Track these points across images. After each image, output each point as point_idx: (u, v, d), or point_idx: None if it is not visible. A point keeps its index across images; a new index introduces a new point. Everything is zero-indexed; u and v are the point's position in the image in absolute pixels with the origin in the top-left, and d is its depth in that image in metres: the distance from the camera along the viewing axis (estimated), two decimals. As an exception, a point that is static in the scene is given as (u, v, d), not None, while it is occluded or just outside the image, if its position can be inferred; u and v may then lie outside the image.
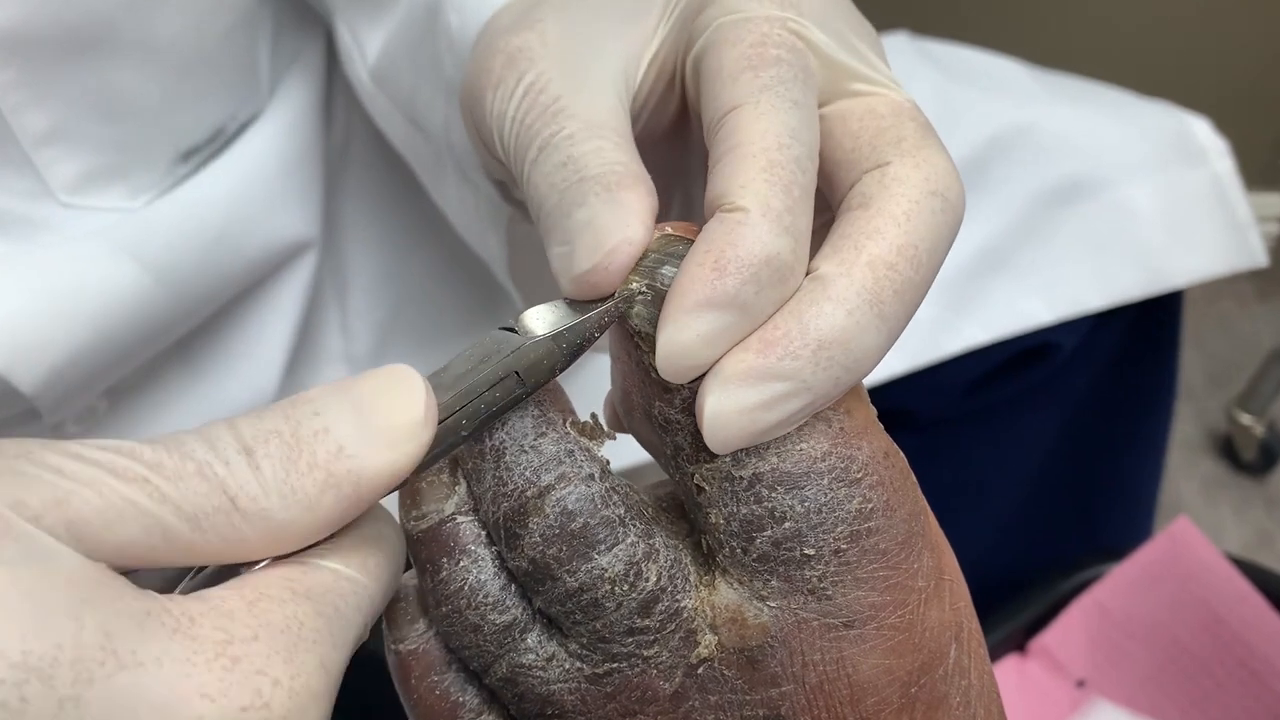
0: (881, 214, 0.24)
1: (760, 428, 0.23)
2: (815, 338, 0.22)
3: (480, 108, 0.29)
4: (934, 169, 0.24)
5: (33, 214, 0.43)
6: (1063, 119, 0.61)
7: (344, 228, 0.59)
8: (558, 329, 0.24)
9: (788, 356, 0.22)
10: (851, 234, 0.24)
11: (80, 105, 0.42)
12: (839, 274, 0.23)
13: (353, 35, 0.48)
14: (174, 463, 0.19)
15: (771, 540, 0.23)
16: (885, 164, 0.24)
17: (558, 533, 0.23)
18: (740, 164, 0.24)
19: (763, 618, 0.24)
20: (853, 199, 0.24)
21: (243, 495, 0.20)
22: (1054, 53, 0.98)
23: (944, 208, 0.24)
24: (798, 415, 0.23)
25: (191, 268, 0.47)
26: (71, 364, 0.43)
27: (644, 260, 0.24)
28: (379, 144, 0.59)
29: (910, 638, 0.24)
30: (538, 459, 0.24)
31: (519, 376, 0.23)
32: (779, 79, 0.25)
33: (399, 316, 0.61)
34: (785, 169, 0.23)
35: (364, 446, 0.21)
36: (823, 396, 0.23)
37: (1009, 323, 0.60)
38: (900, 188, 0.24)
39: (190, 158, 0.48)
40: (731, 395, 0.23)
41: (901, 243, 0.23)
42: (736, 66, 0.25)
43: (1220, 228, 0.62)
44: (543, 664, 0.24)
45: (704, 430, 0.23)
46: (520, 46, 0.28)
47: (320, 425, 0.20)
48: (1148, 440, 0.73)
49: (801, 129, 0.24)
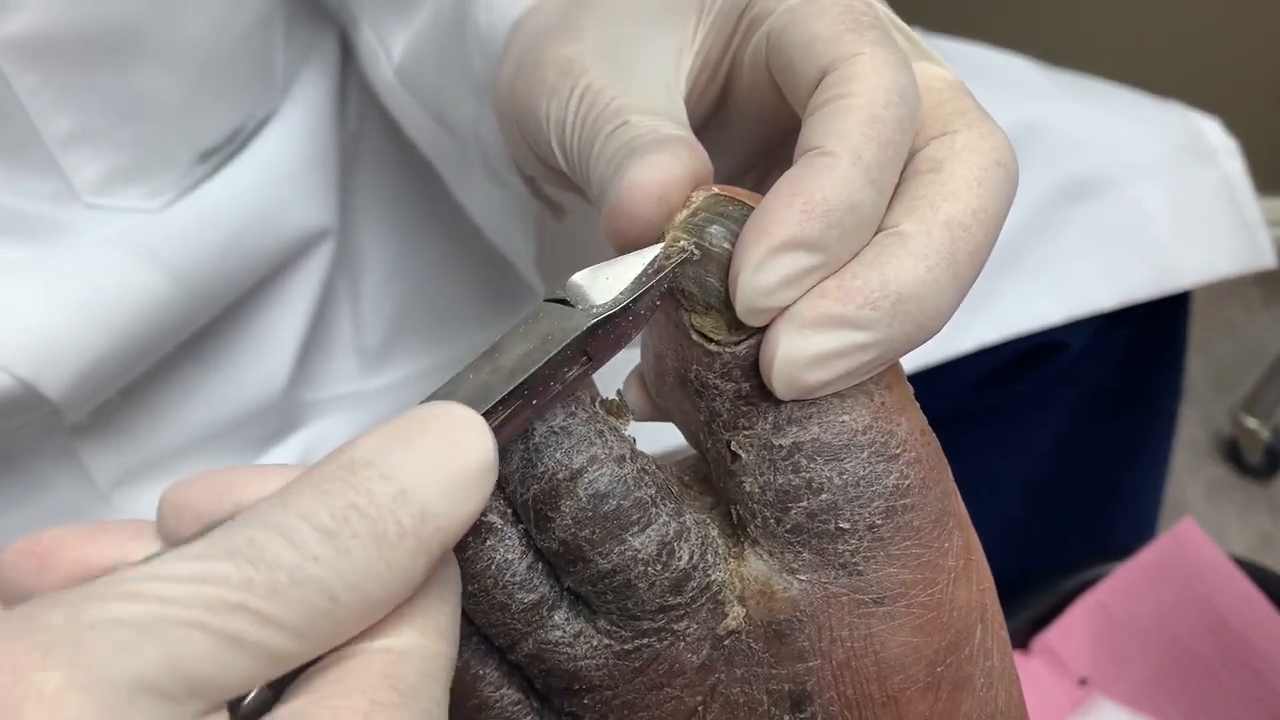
0: (955, 177, 0.24)
1: (831, 375, 0.23)
2: (896, 290, 0.23)
3: (533, 117, 0.30)
4: (997, 141, 0.25)
5: (56, 216, 0.44)
6: (1074, 117, 0.61)
7: (356, 221, 0.59)
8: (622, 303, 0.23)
9: (867, 306, 0.23)
10: (928, 194, 0.24)
11: (104, 107, 0.43)
12: (919, 231, 0.23)
13: (377, 36, 0.49)
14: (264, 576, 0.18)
15: (806, 512, 0.23)
16: (954, 132, 0.25)
17: (590, 515, 0.23)
18: (841, 115, 0.24)
19: (791, 591, 0.24)
20: (921, 163, 0.25)
21: (342, 588, 0.18)
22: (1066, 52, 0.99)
23: (1007, 177, 0.25)
24: (869, 367, 0.23)
25: (209, 269, 0.47)
26: (95, 369, 0.44)
27: (693, 218, 0.24)
28: (391, 139, 0.59)
29: (939, 616, 0.24)
30: (568, 440, 0.23)
31: (587, 355, 0.23)
32: (882, 39, 0.25)
33: (410, 308, 0.61)
34: (886, 125, 0.24)
35: (445, 503, 0.19)
36: (894, 351, 0.23)
37: (1019, 321, 0.60)
38: (971, 155, 0.24)
39: (209, 158, 0.48)
40: (809, 340, 0.23)
41: (976, 206, 0.24)
42: (835, 30, 0.25)
43: (1229, 228, 0.62)
44: (570, 640, 0.24)
45: (772, 373, 0.23)
46: (571, 57, 0.29)
47: (394, 489, 0.19)
48: (1153, 441, 0.73)
49: (909, 88, 0.24)
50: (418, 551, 0.19)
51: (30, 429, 0.47)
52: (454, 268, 0.62)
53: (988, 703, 0.26)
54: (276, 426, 0.56)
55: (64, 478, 0.49)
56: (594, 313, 0.23)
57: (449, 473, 0.19)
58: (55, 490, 0.49)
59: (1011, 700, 0.27)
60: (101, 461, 0.50)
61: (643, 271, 0.24)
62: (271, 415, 0.55)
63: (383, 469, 0.19)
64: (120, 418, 0.50)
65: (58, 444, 0.48)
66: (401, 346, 0.61)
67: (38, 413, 0.44)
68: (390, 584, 0.19)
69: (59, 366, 0.42)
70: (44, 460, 0.49)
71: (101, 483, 0.50)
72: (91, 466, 0.50)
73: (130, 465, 0.51)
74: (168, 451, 0.52)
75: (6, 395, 0.42)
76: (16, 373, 0.41)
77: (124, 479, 0.51)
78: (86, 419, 0.48)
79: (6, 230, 0.43)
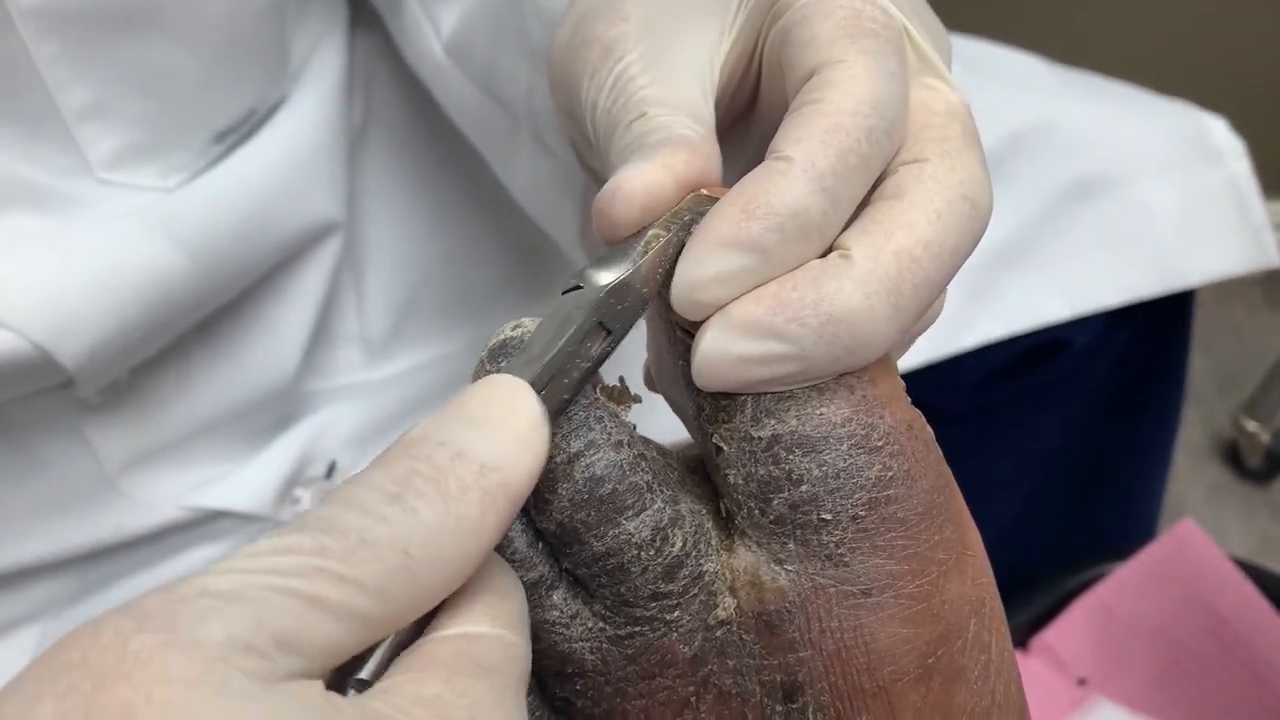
0: (915, 208, 0.24)
1: (747, 379, 0.23)
2: (828, 311, 0.23)
3: (576, 93, 0.30)
4: (969, 174, 0.25)
5: (70, 190, 0.44)
6: (1082, 116, 0.61)
7: (361, 211, 0.59)
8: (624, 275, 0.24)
9: (795, 321, 0.23)
10: (883, 221, 0.24)
11: (120, 82, 0.43)
12: (866, 257, 0.23)
13: (425, 11, 0.49)
14: (338, 542, 0.18)
15: (788, 502, 0.24)
16: (924, 160, 0.25)
17: (586, 498, 0.24)
18: (805, 121, 0.24)
19: (780, 581, 0.24)
20: (886, 188, 0.25)
21: (414, 543, 0.19)
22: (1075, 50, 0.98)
23: (973, 213, 0.25)
24: (789, 379, 0.23)
25: (225, 247, 0.47)
26: (111, 339, 0.44)
27: (673, 217, 0.25)
28: (398, 128, 0.59)
29: (929, 608, 0.24)
30: (566, 425, 0.24)
31: (603, 326, 0.24)
32: (876, 48, 0.25)
33: (415, 300, 0.61)
34: (849, 135, 0.23)
35: (504, 458, 0.20)
36: (818, 370, 0.23)
37: (1024, 317, 0.61)
38: (936, 186, 0.24)
39: (223, 139, 0.48)
40: (730, 339, 0.23)
41: (930, 239, 0.24)
42: (831, 35, 0.25)
43: (1235, 228, 0.62)
44: (566, 621, 0.25)
45: (693, 363, 0.24)
46: (616, 37, 0.29)
47: (452, 451, 0.20)
48: (1155, 442, 0.73)
49: (887, 102, 0.24)
50: (484, 505, 0.20)
51: (41, 406, 0.47)
52: (460, 259, 0.62)
53: (984, 695, 0.26)
54: (282, 415, 0.57)
55: (72, 459, 0.50)
56: (601, 290, 0.24)
57: (501, 432, 0.21)
58: (63, 472, 0.50)
59: (1010, 694, 0.27)
60: (110, 443, 0.50)
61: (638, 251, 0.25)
62: (277, 404, 0.56)
63: (438, 438, 0.20)
64: (130, 399, 0.50)
65: (67, 424, 0.49)
66: (406, 338, 0.62)
67: (51, 381, 0.45)
68: (461, 539, 0.20)
69: (74, 333, 0.42)
70: (52, 441, 0.49)
71: (109, 465, 0.50)
72: (100, 448, 0.50)
73: (138, 449, 0.51)
74: (176, 436, 0.52)
75: (21, 360, 0.42)
76: (33, 337, 0.41)
77: (132, 463, 0.51)
78: (96, 398, 0.48)
79: (23, 201, 0.43)
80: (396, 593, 0.19)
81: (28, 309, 0.41)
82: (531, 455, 0.21)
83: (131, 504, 0.51)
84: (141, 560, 0.54)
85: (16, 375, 0.43)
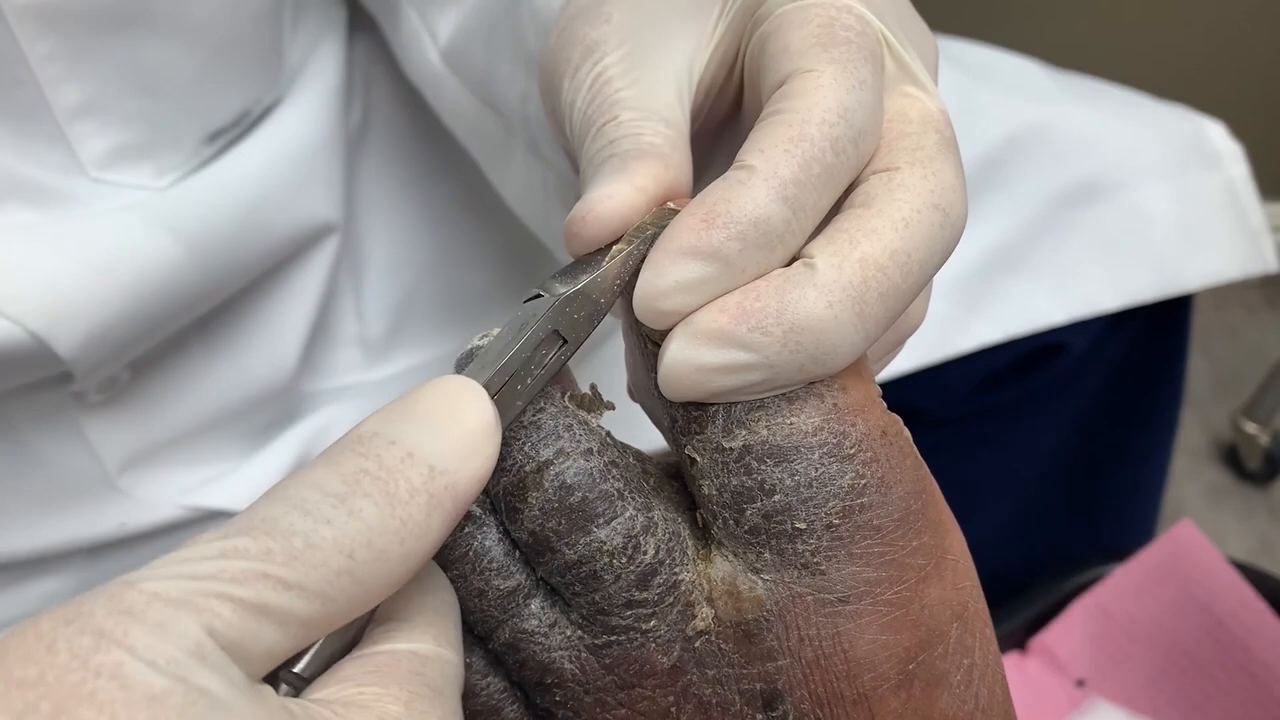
0: (881, 215, 0.24)
1: (712, 389, 0.23)
2: (791, 320, 0.23)
3: (558, 94, 0.30)
4: (940, 183, 0.25)
5: (62, 187, 0.44)
6: (1079, 120, 0.61)
7: (359, 213, 0.59)
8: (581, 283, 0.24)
9: (758, 330, 0.23)
10: (849, 229, 0.24)
11: (114, 80, 0.43)
12: (829, 265, 0.23)
13: (422, 18, 0.49)
14: (281, 545, 0.19)
15: (761, 512, 0.24)
16: (895, 169, 0.25)
17: (556, 506, 0.24)
18: (769, 130, 0.24)
19: (757, 591, 0.24)
20: (856, 197, 0.25)
21: (358, 547, 0.19)
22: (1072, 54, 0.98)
23: (944, 223, 0.24)
24: (755, 389, 0.23)
25: (221, 241, 0.48)
26: (108, 330, 0.44)
27: (639, 230, 0.25)
28: (396, 132, 0.59)
29: (908, 614, 0.24)
30: (536, 434, 0.24)
31: (559, 334, 0.24)
32: (847, 56, 0.24)
33: (413, 301, 0.61)
34: (814, 144, 0.23)
35: (451, 460, 0.20)
36: (784, 379, 0.23)
37: (1021, 321, 0.61)
38: (905, 194, 0.24)
39: (216, 139, 0.48)
40: (695, 349, 0.23)
41: (896, 247, 0.23)
42: (803, 44, 0.25)
43: (1233, 232, 0.62)
44: (545, 630, 0.25)
45: (658, 373, 0.24)
46: (597, 39, 0.29)
47: (402, 452, 0.20)
48: (1153, 444, 0.73)
49: (856, 110, 0.24)
50: (430, 509, 0.20)
51: (40, 404, 0.48)
52: (457, 261, 0.62)
53: (966, 700, 0.26)
54: (280, 415, 0.57)
55: (72, 458, 0.50)
56: (556, 298, 0.24)
57: (452, 433, 0.21)
58: (63, 470, 0.50)
59: (995, 698, 0.27)
60: (110, 442, 0.50)
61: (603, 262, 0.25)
62: (276, 404, 0.56)
63: (389, 436, 0.20)
64: (129, 397, 0.51)
65: (67, 422, 0.49)
66: (404, 339, 0.62)
67: (48, 372, 0.45)
68: (406, 541, 0.20)
69: (71, 323, 0.42)
70: (52, 439, 0.49)
71: (109, 464, 0.51)
72: (100, 447, 0.50)
73: (137, 447, 0.51)
74: (175, 434, 0.53)
75: (17, 349, 0.42)
76: (29, 326, 0.42)
77: (132, 461, 0.51)
78: (96, 396, 0.49)
79: (17, 195, 0.43)
80: (338, 596, 0.19)
81: (23, 297, 0.41)
82: (481, 458, 0.21)
83: (131, 503, 0.52)
84: (141, 558, 0.54)
85: (13, 365, 0.43)
